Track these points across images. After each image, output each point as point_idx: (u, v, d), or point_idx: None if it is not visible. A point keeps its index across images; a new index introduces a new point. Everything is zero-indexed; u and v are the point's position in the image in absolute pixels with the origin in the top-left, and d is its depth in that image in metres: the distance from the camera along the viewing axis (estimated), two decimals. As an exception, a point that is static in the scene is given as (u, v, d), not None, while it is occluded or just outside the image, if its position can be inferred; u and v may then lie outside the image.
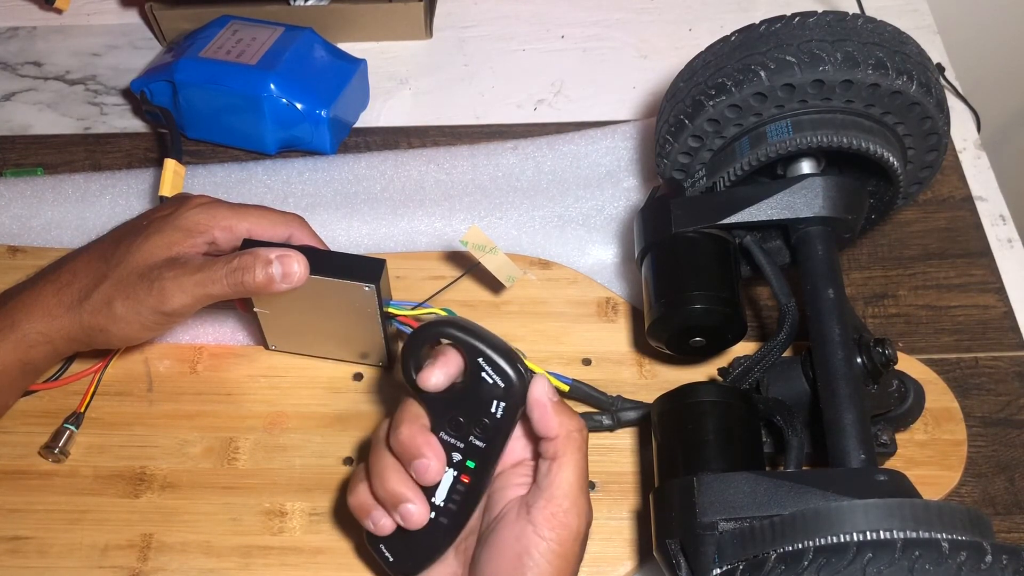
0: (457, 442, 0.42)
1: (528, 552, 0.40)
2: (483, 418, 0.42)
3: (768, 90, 0.49)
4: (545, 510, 0.41)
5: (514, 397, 0.41)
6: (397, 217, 0.65)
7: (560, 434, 0.41)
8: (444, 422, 0.42)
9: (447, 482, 0.43)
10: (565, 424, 0.41)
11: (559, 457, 0.41)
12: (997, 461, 0.54)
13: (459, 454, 0.42)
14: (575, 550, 0.41)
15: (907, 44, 0.50)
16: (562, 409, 0.42)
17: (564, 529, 0.41)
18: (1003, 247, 0.64)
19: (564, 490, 0.41)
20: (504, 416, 0.42)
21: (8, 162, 0.71)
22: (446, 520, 0.43)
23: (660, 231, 0.52)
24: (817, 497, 0.39)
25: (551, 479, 0.41)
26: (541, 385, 0.41)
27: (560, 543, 0.41)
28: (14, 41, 0.80)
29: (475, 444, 0.42)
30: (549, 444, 0.42)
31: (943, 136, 0.52)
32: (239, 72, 0.66)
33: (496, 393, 0.41)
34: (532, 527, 0.41)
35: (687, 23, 0.80)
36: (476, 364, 0.41)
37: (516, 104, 0.75)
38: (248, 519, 0.52)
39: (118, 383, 0.56)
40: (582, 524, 0.41)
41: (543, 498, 0.41)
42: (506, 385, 0.41)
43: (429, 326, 0.43)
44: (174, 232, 0.49)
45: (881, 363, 0.47)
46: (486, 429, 0.42)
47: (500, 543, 0.41)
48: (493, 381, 0.41)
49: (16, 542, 0.51)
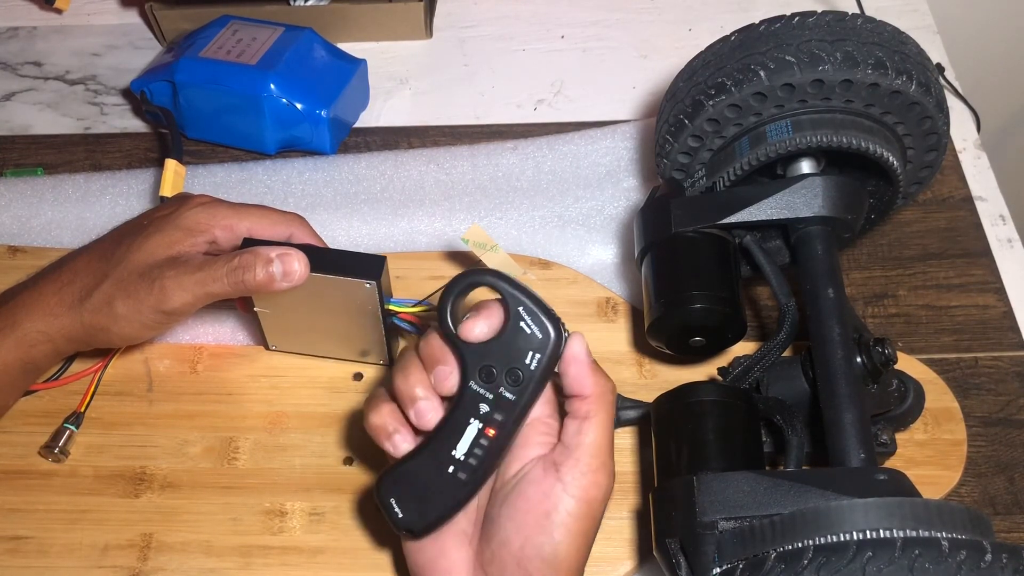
0: (487, 393, 0.41)
1: (556, 510, 0.40)
2: (518, 369, 0.41)
3: (768, 90, 0.49)
4: (575, 469, 0.40)
5: (551, 349, 0.41)
6: (397, 217, 0.65)
7: (595, 392, 0.41)
8: (476, 371, 0.41)
9: (471, 434, 0.42)
10: (600, 383, 0.41)
11: (591, 416, 0.41)
12: (997, 461, 0.54)
13: (487, 405, 0.41)
14: (600, 511, 0.41)
15: (907, 44, 0.50)
16: (597, 369, 0.42)
17: (594, 488, 0.40)
18: (1003, 247, 0.64)
19: (595, 449, 0.41)
20: (539, 368, 0.41)
21: (8, 162, 0.71)
22: (465, 475, 0.42)
23: (660, 231, 0.52)
24: (817, 496, 0.39)
25: (582, 438, 0.41)
26: (579, 342, 0.41)
27: (588, 503, 0.40)
28: (14, 41, 0.80)
29: (505, 396, 0.41)
30: (582, 403, 0.41)
31: (943, 136, 0.52)
32: (239, 72, 0.66)
33: (533, 344, 0.41)
34: (561, 485, 0.40)
35: (687, 23, 0.80)
36: (516, 314, 0.41)
37: (516, 104, 0.75)
38: (248, 519, 0.52)
39: (118, 383, 0.56)
40: (610, 484, 0.41)
41: (573, 457, 0.41)
42: (544, 336, 0.41)
43: (470, 273, 0.42)
44: (175, 231, 0.49)
45: (881, 363, 0.47)
46: (518, 381, 0.41)
47: (524, 501, 0.41)
48: (531, 331, 0.41)
49: (16, 542, 0.51)
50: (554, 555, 0.40)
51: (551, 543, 0.40)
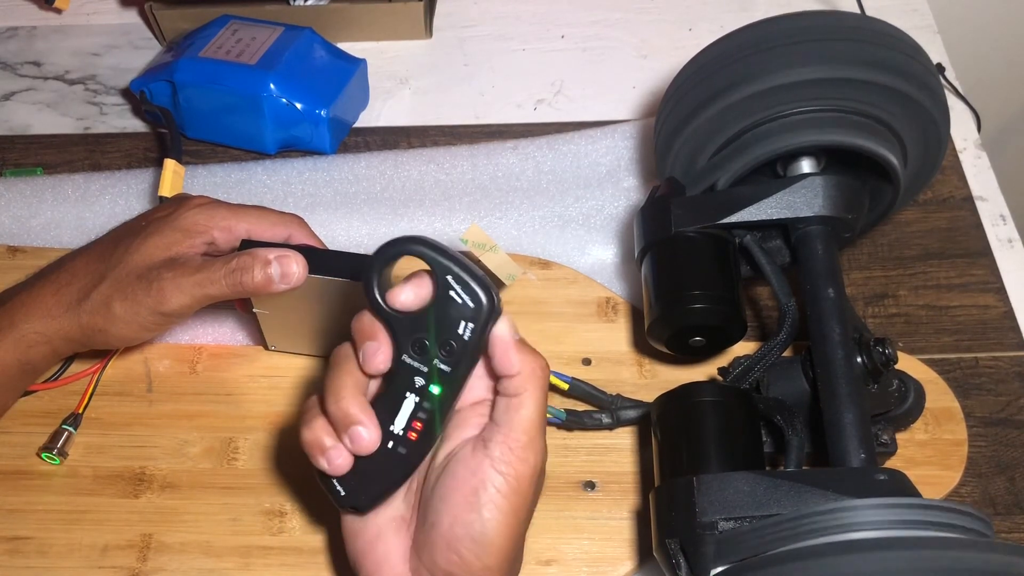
0: (421, 366, 0.40)
1: (484, 486, 0.39)
2: (450, 340, 0.40)
3: (771, 88, 0.49)
4: (503, 444, 0.40)
5: (483, 317, 0.39)
6: (397, 217, 0.65)
7: (523, 371, 0.40)
8: (408, 344, 0.40)
9: (408, 408, 0.41)
10: (528, 362, 0.40)
11: (520, 394, 0.40)
12: (997, 461, 0.54)
13: (422, 378, 0.41)
14: (530, 489, 0.41)
15: (908, 45, 0.50)
16: (524, 347, 0.41)
17: (522, 464, 0.40)
18: (1003, 247, 0.64)
19: (524, 426, 0.40)
20: (472, 338, 0.40)
21: (8, 162, 0.71)
22: (404, 450, 0.41)
23: (660, 231, 0.52)
24: (817, 496, 0.39)
25: (510, 415, 0.40)
26: (503, 323, 0.40)
27: (517, 478, 0.40)
28: (14, 41, 0.80)
29: (440, 368, 0.40)
30: (510, 382, 0.40)
31: (943, 136, 0.52)
32: (239, 72, 0.66)
33: (465, 313, 0.40)
34: (489, 460, 0.40)
35: (687, 23, 0.80)
36: (445, 282, 0.39)
37: (516, 104, 0.75)
38: (248, 519, 0.52)
39: (118, 383, 0.56)
40: (539, 461, 0.41)
41: (501, 433, 0.40)
42: (475, 305, 0.39)
43: (395, 242, 0.40)
44: (173, 233, 0.49)
45: (881, 363, 0.47)
46: (452, 352, 0.40)
47: (454, 480, 0.40)
48: (462, 301, 0.39)
49: (16, 542, 0.51)
50: (483, 533, 0.39)
51: (480, 520, 0.39)
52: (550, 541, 0.51)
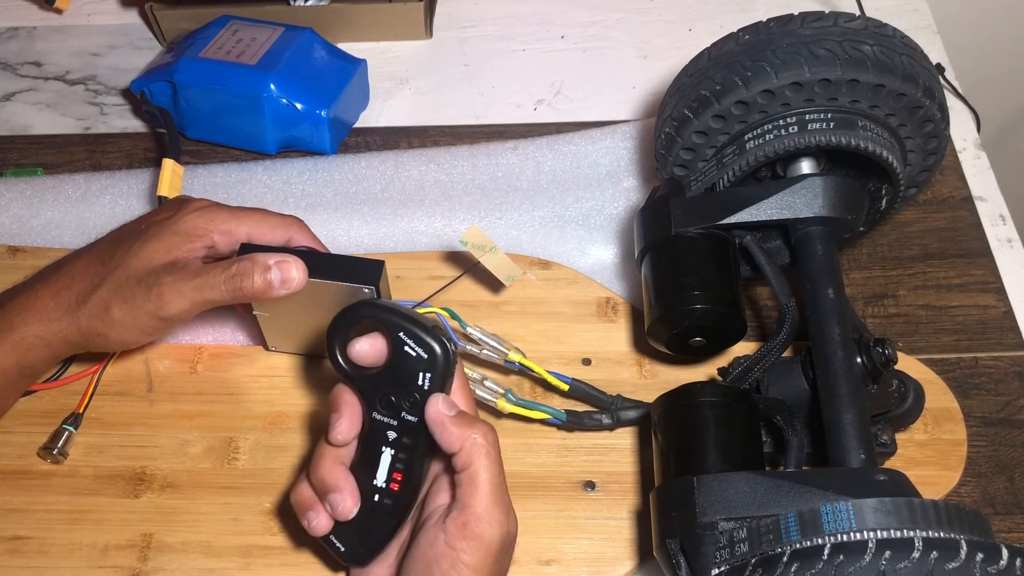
0: (391, 420, 0.43)
1: (438, 562, 0.40)
2: (413, 392, 0.42)
3: (776, 88, 0.49)
4: (457, 519, 0.40)
5: (438, 366, 0.42)
6: (397, 217, 0.65)
7: (464, 445, 0.41)
8: (376, 402, 0.43)
9: (386, 462, 0.43)
10: (466, 435, 0.41)
11: (468, 467, 0.41)
12: (997, 461, 0.54)
13: (394, 432, 0.43)
14: (490, 563, 0.40)
15: (907, 45, 0.50)
16: (461, 420, 0.41)
17: (475, 540, 0.40)
18: (1003, 247, 0.64)
19: (476, 500, 0.40)
20: (431, 387, 0.42)
21: (8, 162, 0.71)
22: (390, 501, 0.43)
23: (660, 231, 0.52)
24: (817, 497, 0.39)
25: (463, 489, 0.41)
26: (434, 403, 0.41)
27: (472, 554, 0.40)
28: (14, 41, 0.80)
29: (408, 420, 0.43)
30: (456, 458, 0.41)
31: (943, 138, 0.52)
32: (239, 72, 0.66)
33: (421, 365, 0.42)
34: (444, 536, 0.40)
35: (687, 23, 0.80)
36: (398, 339, 0.42)
37: (516, 104, 0.75)
38: (248, 519, 0.52)
39: (118, 383, 0.56)
40: (496, 535, 0.40)
41: (456, 508, 0.41)
42: (429, 355, 0.42)
43: (346, 310, 0.43)
44: (173, 236, 0.49)
45: (881, 363, 0.47)
46: (416, 403, 0.42)
47: (418, 549, 0.41)
48: (416, 354, 0.42)
49: (16, 542, 0.51)
50: None
51: None
52: (550, 541, 0.51)
